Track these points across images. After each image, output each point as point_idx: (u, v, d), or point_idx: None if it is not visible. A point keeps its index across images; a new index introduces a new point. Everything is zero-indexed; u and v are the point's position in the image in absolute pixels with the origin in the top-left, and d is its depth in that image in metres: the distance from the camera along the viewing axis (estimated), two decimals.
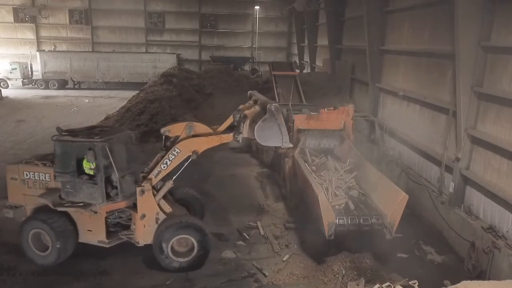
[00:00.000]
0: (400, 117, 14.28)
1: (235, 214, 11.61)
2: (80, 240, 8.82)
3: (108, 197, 8.46)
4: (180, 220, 8.69)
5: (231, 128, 8.93)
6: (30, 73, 37.20)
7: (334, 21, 23.52)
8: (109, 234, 8.79)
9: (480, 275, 8.41)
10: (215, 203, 12.29)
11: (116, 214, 8.97)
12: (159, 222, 8.71)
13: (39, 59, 36.64)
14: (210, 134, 8.84)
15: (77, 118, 23.08)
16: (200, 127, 8.88)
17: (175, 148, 8.58)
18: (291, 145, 9.22)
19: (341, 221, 8.77)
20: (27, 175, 8.92)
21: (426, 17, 12.73)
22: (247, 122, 8.73)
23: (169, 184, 8.91)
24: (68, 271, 8.53)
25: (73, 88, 37.78)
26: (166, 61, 37.30)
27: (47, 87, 36.32)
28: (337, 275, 8.48)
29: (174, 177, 9.07)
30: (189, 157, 8.67)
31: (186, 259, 8.63)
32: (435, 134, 11.80)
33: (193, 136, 8.69)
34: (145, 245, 8.83)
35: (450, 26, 10.36)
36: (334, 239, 8.63)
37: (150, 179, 8.70)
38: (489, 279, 8.05)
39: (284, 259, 9.26)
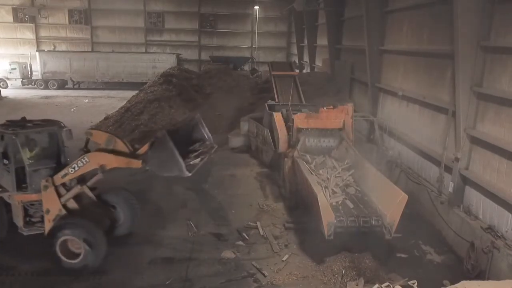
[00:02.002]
0: (400, 117, 14.29)
1: (234, 214, 11.60)
2: (14, 221, 9.24)
3: (24, 187, 8.88)
4: (71, 221, 8.69)
5: None
6: (29, 73, 37.20)
7: (334, 21, 23.52)
8: (27, 223, 9.16)
9: (479, 275, 8.42)
10: (214, 203, 12.30)
11: (38, 205, 9.13)
12: (56, 219, 8.80)
13: (38, 59, 36.66)
14: (124, 154, 8.48)
15: (77, 118, 23.06)
16: (120, 145, 8.51)
17: (85, 157, 8.47)
18: (189, 174, 8.05)
19: (340, 221, 8.77)
20: None
21: (426, 17, 12.74)
22: None
23: (76, 189, 8.93)
24: (68, 271, 8.51)
25: (73, 88, 37.78)
26: (165, 61, 37.31)
27: (46, 87, 36.32)
28: (336, 275, 8.49)
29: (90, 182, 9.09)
30: (96, 169, 8.55)
31: (74, 261, 8.55)
32: (435, 134, 11.81)
33: (112, 150, 8.45)
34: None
35: (450, 26, 10.36)
36: (333, 239, 8.63)
37: (54, 177, 8.76)
38: (488, 279, 8.06)
39: (284, 259, 9.26)
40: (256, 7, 41.57)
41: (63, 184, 8.89)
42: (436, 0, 11.85)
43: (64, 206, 8.87)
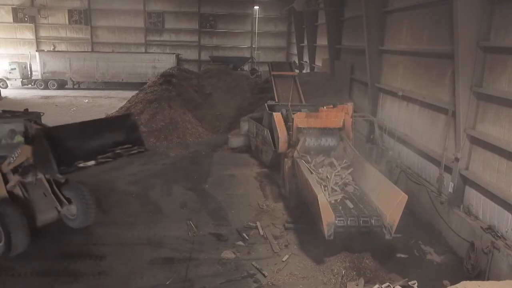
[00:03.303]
0: (399, 117, 14.29)
1: (234, 214, 11.59)
2: None
3: None
4: None
5: None
6: (29, 73, 37.22)
7: (334, 21, 23.51)
8: None
9: (479, 275, 8.42)
10: (214, 203, 12.30)
11: None
12: None
13: (38, 59, 36.68)
14: None
15: (76, 118, 23.01)
16: None
17: (19, 149, 8.84)
18: (60, 177, 8.69)
19: (340, 221, 8.77)
20: None
21: (425, 17, 12.74)
22: None
23: (16, 178, 9.17)
24: (68, 271, 8.52)
25: (73, 88, 37.79)
26: (165, 61, 37.34)
27: (46, 87, 36.34)
28: (336, 275, 8.50)
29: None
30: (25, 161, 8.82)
31: None
32: (434, 134, 11.81)
33: None
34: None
35: (449, 26, 10.37)
36: (333, 239, 8.63)
37: (1, 165, 9.07)
38: (488, 279, 8.07)
39: (284, 259, 9.25)
40: (256, 7, 41.58)
41: (14, 171, 9.14)
42: (436, 0, 11.86)
43: (12, 192, 9.19)
